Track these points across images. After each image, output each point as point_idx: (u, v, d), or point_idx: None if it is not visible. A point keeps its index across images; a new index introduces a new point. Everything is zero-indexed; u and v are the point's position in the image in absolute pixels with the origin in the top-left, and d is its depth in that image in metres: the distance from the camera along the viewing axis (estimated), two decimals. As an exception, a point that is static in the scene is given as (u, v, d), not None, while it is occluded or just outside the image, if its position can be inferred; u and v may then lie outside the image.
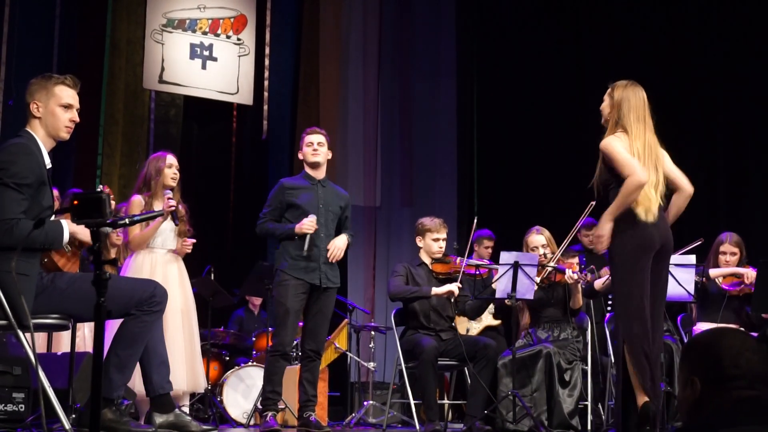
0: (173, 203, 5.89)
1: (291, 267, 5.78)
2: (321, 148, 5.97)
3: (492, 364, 6.35)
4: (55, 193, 5.41)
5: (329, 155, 6.05)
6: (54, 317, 4.10)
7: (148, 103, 9.58)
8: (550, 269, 6.56)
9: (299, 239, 5.78)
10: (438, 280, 6.63)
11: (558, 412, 6.36)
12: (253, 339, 8.14)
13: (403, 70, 11.17)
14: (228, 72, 9.96)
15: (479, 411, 6.24)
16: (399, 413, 8.03)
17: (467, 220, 10.83)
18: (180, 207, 6.06)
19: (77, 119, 4.24)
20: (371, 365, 8.26)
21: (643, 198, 4.82)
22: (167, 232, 6.05)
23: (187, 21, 9.79)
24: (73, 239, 4.10)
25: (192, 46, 9.77)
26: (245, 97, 10.05)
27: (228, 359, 8.32)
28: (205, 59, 9.82)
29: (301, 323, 6.04)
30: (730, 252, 6.98)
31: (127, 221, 3.55)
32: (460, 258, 6.62)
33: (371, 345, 8.56)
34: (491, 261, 7.16)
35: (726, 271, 6.91)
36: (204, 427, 4.66)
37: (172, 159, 6.09)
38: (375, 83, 10.93)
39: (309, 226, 5.76)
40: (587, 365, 6.59)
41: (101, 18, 9.33)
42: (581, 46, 10.42)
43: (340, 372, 8.71)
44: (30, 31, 8.95)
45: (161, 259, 6.04)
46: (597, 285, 6.76)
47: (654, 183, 4.85)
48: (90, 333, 6.77)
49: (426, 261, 6.69)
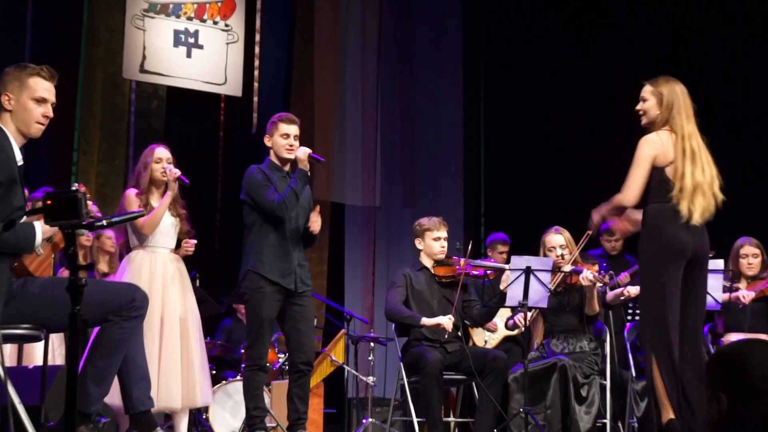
0: (177, 171, 5.92)
1: (267, 269, 5.77)
2: (296, 142, 5.94)
3: (502, 378, 6.34)
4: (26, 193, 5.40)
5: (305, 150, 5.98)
6: (25, 327, 4.09)
7: (128, 95, 9.57)
8: (565, 272, 6.55)
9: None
10: (441, 284, 6.64)
11: (574, 430, 6.35)
12: (242, 351, 8.12)
13: (405, 60, 11.17)
14: (215, 61, 9.95)
15: (488, 429, 6.24)
16: (400, 432, 8.03)
17: (474, 222, 10.84)
18: (179, 207, 6.08)
19: (51, 114, 4.21)
20: (370, 380, 8.25)
21: (701, 197, 4.89)
22: (168, 228, 6.04)
23: (171, 5, 9.78)
24: (46, 242, 4.09)
25: (176, 32, 9.76)
26: (234, 88, 10.04)
27: (215, 373, 8.30)
28: (190, 47, 9.82)
29: (279, 333, 6.04)
30: (752, 254, 7.00)
31: (104, 222, 3.54)
32: (464, 259, 6.62)
33: (370, 357, 8.54)
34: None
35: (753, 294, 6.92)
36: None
37: (161, 152, 6.07)
38: (374, 74, 10.93)
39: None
40: (606, 380, 6.58)
41: (78, 3, 9.33)
42: (592, 38, 10.40)
43: (336, 387, 8.71)
44: (1, 19, 8.94)
45: (161, 259, 6.01)
46: (608, 297, 6.79)
47: (709, 181, 4.94)
48: (61, 344, 6.78)
49: (427, 264, 6.69)
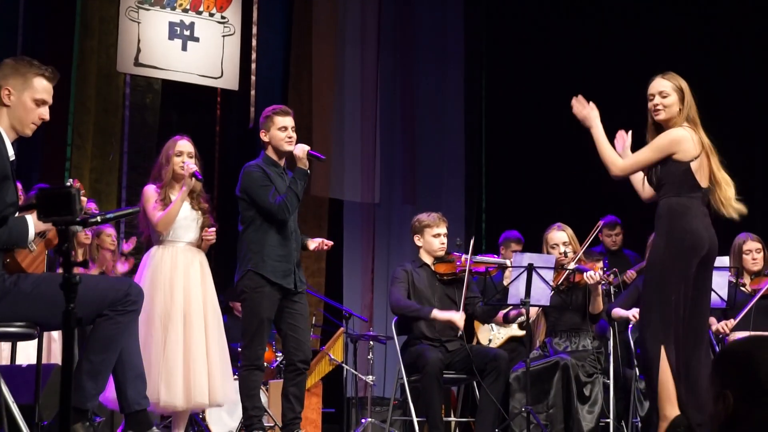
0: (193, 166, 5.88)
1: (270, 270, 5.77)
2: (294, 134, 5.94)
3: (503, 377, 6.34)
4: (19, 188, 5.40)
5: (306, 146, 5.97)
6: (18, 325, 4.09)
7: (122, 89, 9.57)
8: (569, 270, 6.55)
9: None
10: (442, 282, 6.63)
11: (577, 430, 6.36)
12: (239, 349, 8.13)
13: (406, 52, 11.17)
14: (211, 54, 9.94)
15: (489, 429, 6.24)
16: (400, 432, 8.04)
17: (475, 219, 10.84)
18: (202, 201, 6.04)
19: (47, 117, 4.21)
20: (370, 379, 8.26)
21: (725, 189, 4.92)
22: (188, 221, 5.99)
23: (166, -3, 9.78)
24: (40, 237, 4.09)
25: (171, 24, 9.76)
26: (230, 82, 10.04)
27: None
28: (186, 39, 9.81)
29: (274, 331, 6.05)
30: (755, 249, 6.99)
31: (98, 219, 3.54)
32: (465, 256, 6.61)
33: (370, 356, 8.55)
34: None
35: None
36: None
37: (183, 145, 6.01)
38: (374, 67, 10.93)
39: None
40: (609, 379, 6.59)
41: (71, -7, 9.33)
42: (598, 31, 10.40)
43: (335, 386, 8.72)
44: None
45: (182, 254, 5.96)
46: (614, 314, 6.78)
47: (726, 180, 4.99)
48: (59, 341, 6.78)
49: (428, 261, 6.69)
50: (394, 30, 11.12)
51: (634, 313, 6.69)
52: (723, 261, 6.08)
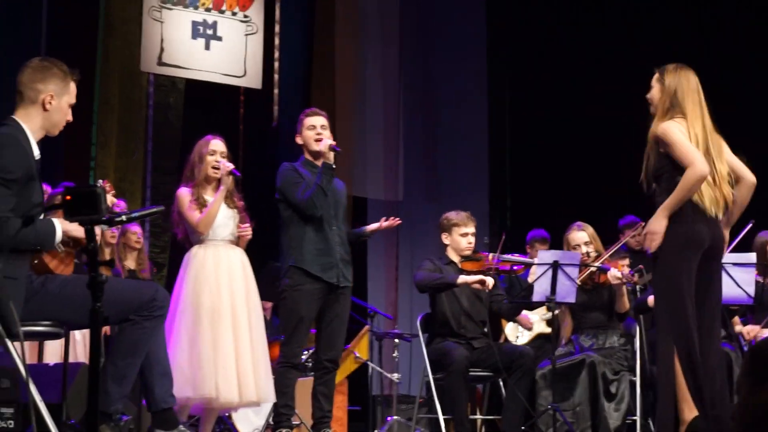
0: (230, 165, 5.87)
1: (308, 262, 5.79)
2: (325, 131, 5.97)
3: (529, 375, 6.34)
4: (47, 190, 5.43)
5: (331, 139, 6.01)
6: (45, 324, 4.13)
7: (146, 88, 9.60)
8: (592, 270, 6.54)
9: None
10: (469, 280, 6.62)
11: (604, 427, 6.34)
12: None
13: (428, 49, 11.16)
14: (234, 52, 9.96)
15: (515, 427, 6.24)
16: (426, 430, 8.03)
17: (499, 217, 10.82)
18: (235, 199, 6.03)
19: (71, 118, 4.30)
20: (395, 377, 8.25)
21: (708, 189, 4.84)
22: (226, 220, 5.96)
23: (189, -4, 9.80)
24: (67, 239, 4.11)
25: (194, 24, 9.78)
26: (253, 81, 10.05)
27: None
28: (209, 38, 9.83)
29: (313, 330, 6.04)
30: None
31: (124, 218, 3.55)
32: (492, 254, 6.61)
33: (395, 354, 8.54)
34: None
35: None
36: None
37: (216, 144, 5.98)
38: (396, 63, 10.93)
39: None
40: (635, 376, 6.57)
41: (94, -7, 9.37)
42: (625, 22, 10.35)
43: (360, 384, 8.72)
44: (16, 10, 8.98)
45: (224, 253, 5.93)
46: (651, 301, 6.74)
47: (720, 172, 4.88)
48: (83, 341, 6.81)
49: (454, 259, 6.68)
50: (415, 26, 11.11)
51: None
52: (750, 258, 6.03)
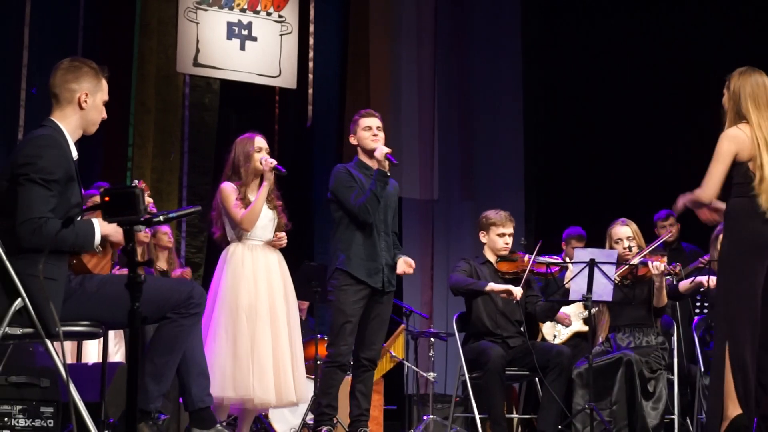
0: (273, 160, 5.89)
1: (354, 267, 5.81)
2: (380, 133, 5.99)
3: (566, 373, 6.32)
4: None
5: (387, 148, 6.03)
6: (84, 324, 4.15)
7: (182, 89, 9.65)
8: (633, 264, 6.51)
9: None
10: (504, 280, 6.62)
11: (641, 427, 6.31)
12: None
13: (462, 47, 11.14)
14: (269, 53, 10.00)
15: (552, 426, 6.22)
16: (462, 429, 8.03)
17: (535, 215, 10.79)
18: (274, 198, 6.03)
19: (106, 116, 4.36)
20: (431, 376, 8.27)
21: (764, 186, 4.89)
22: (266, 222, 5.98)
23: (224, -3, 9.85)
24: (104, 239, 4.15)
25: (229, 24, 9.83)
26: (288, 81, 10.09)
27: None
28: (244, 39, 9.88)
29: None
30: None
31: (161, 218, 3.58)
32: (528, 255, 6.60)
33: (431, 353, 8.56)
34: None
35: None
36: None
37: (261, 141, 6.00)
38: (431, 62, 10.92)
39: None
40: (673, 374, 6.54)
41: (130, -5, 9.43)
42: (663, 20, 10.28)
43: (396, 383, 8.74)
44: (53, 12, 9.07)
45: (262, 253, 5.95)
46: (682, 286, 6.73)
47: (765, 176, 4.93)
48: (116, 341, 6.88)
49: (491, 259, 6.68)
50: (450, 25, 11.09)
51: (701, 280, 6.66)
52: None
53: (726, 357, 4.82)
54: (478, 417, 6.45)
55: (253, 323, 5.74)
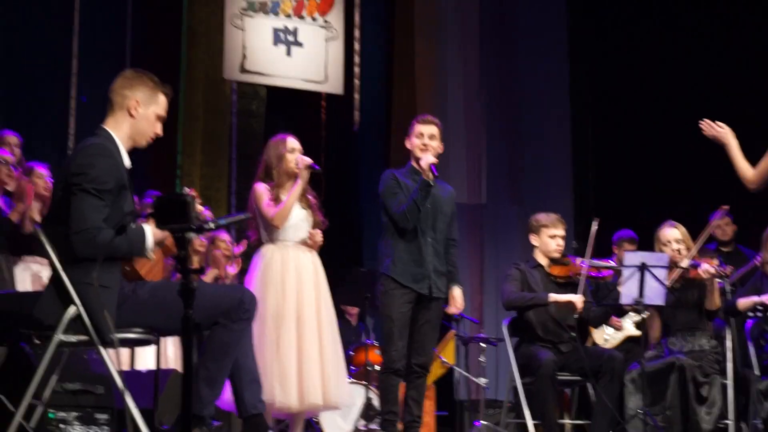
0: (307, 159, 5.89)
1: (399, 272, 5.82)
2: (432, 141, 5.95)
3: (618, 378, 6.28)
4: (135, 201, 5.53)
5: (441, 149, 5.99)
6: (138, 331, 4.19)
7: (229, 96, 9.72)
8: (683, 268, 6.46)
9: None
10: (556, 284, 6.59)
11: (695, 432, 6.27)
12: (351, 353, 8.17)
13: (508, 48, 11.11)
14: (315, 58, 10.04)
15: (604, 431, 6.19)
16: (514, 435, 8.01)
17: (584, 219, 10.73)
18: (309, 197, 6.03)
19: (161, 133, 4.37)
20: (482, 381, 8.25)
21: None
22: (299, 222, 5.96)
23: (269, 3, 9.90)
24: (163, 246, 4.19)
25: (275, 30, 9.88)
26: (334, 86, 10.13)
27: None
28: (290, 45, 9.93)
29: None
30: None
31: (212, 225, 3.61)
32: (580, 259, 6.57)
33: (481, 359, 8.54)
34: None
35: None
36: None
37: (293, 142, 6.01)
38: (477, 64, 10.91)
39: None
40: (727, 379, 6.48)
41: (177, 3, 9.51)
42: (708, 19, 10.20)
43: (447, 389, 8.73)
44: (102, 21, 9.18)
45: (293, 254, 5.93)
46: (741, 305, 6.64)
47: None
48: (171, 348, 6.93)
49: (542, 262, 6.66)
50: (496, 26, 11.07)
51: (763, 299, 6.58)
52: None
53: None
54: (530, 423, 6.42)
55: (278, 328, 5.73)
